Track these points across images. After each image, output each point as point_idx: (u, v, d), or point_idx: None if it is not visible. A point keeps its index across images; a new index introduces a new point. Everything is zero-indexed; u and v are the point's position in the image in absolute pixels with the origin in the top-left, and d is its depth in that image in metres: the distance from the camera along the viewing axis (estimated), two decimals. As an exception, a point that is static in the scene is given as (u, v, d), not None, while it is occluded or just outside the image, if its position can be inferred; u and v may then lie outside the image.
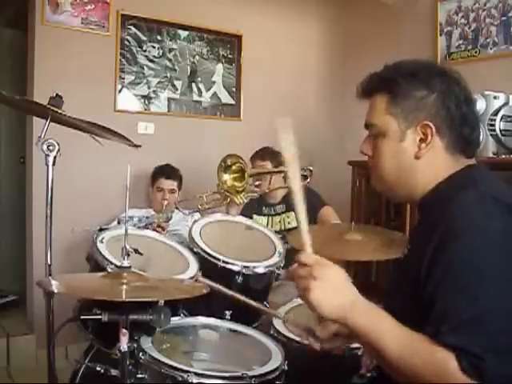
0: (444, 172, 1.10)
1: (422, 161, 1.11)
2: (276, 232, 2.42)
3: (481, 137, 1.16)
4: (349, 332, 1.05)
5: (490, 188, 1.04)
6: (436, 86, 1.09)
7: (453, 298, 0.92)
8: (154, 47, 3.35)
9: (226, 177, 2.47)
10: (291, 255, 2.24)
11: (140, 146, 1.79)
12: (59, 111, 1.54)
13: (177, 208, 2.76)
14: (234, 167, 2.48)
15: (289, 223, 2.81)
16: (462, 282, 0.92)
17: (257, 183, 2.69)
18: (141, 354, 1.43)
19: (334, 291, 0.99)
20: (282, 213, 2.83)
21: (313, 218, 2.73)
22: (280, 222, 2.82)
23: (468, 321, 0.89)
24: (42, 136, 1.56)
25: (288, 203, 2.82)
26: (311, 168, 2.56)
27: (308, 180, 2.56)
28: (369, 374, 1.33)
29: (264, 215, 2.87)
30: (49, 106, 1.54)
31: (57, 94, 1.59)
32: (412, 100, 1.10)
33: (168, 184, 3.00)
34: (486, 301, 0.90)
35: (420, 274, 0.99)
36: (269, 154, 2.85)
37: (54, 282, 1.37)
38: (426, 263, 0.98)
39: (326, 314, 0.99)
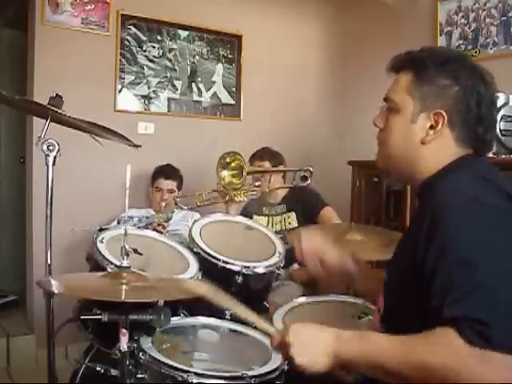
0: (448, 160, 1.11)
1: (428, 147, 1.11)
2: (276, 232, 2.42)
3: (494, 143, 1.17)
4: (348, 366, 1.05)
5: (486, 172, 1.07)
6: (462, 79, 1.09)
7: (452, 270, 0.91)
8: (154, 47, 3.35)
9: (225, 173, 2.48)
10: (291, 255, 2.25)
11: (140, 145, 1.80)
12: (59, 111, 1.54)
13: (176, 204, 2.76)
14: (233, 164, 2.48)
15: (289, 223, 2.81)
16: (459, 253, 0.92)
17: (257, 183, 2.69)
18: (141, 353, 1.43)
19: (312, 344, 1.02)
20: (283, 213, 2.83)
21: (314, 218, 2.74)
22: (280, 222, 2.82)
23: (469, 291, 0.88)
24: (42, 136, 1.56)
25: (288, 203, 2.82)
26: (311, 169, 2.56)
27: (308, 181, 2.56)
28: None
29: (264, 215, 2.87)
30: (49, 106, 1.54)
31: (57, 94, 1.59)
32: (434, 86, 1.10)
33: (166, 184, 3.00)
34: (485, 268, 0.89)
35: (417, 252, 0.99)
36: (267, 154, 2.85)
37: (54, 282, 1.37)
38: (422, 240, 0.98)
39: (319, 367, 1.02)
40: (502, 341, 0.83)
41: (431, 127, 1.10)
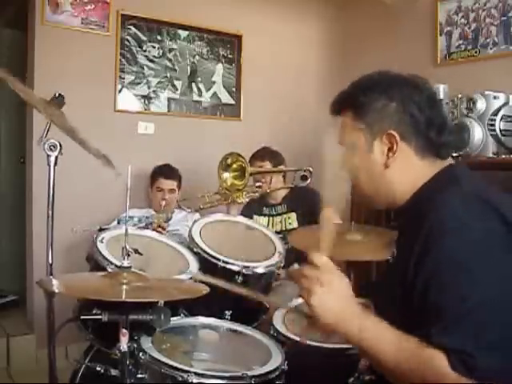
0: (422, 176, 1.12)
1: (394, 169, 1.13)
2: (276, 232, 2.42)
3: (457, 139, 1.16)
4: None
5: (472, 186, 1.06)
6: (394, 94, 1.11)
7: (441, 297, 0.93)
8: (154, 47, 3.35)
9: (227, 175, 2.48)
10: (291, 255, 2.25)
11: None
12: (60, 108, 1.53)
13: (179, 207, 2.76)
14: (234, 165, 2.48)
15: (290, 224, 2.81)
16: (449, 281, 0.93)
17: (257, 184, 2.69)
18: (141, 353, 1.43)
19: (336, 300, 1.01)
20: (283, 213, 2.83)
21: (314, 218, 2.73)
22: (281, 222, 2.82)
23: (457, 320, 0.90)
24: (44, 136, 1.56)
25: (289, 203, 2.82)
26: (310, 169, 2.56)
27: (308, 181, 2.56)
28: (367, 377, 1.33)
29: (264, 215, 2.87)
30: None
31: (59, 94, 1.59)
32: (373, 112, 1.12)
33: (167, 184, 3.00)
34: (474, 298, 0.90)
35: (407, 275, 1.00)
36: (268, 154, 2.85)
37: (54, 282, 1.37)
38: (412, 264, 0.99)
39: (322, 318, 1.01)
40: (486, 371, 0.86)
41: (389, 150, 1.12)
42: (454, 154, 2.33)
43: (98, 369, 1.57)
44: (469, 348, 0.87)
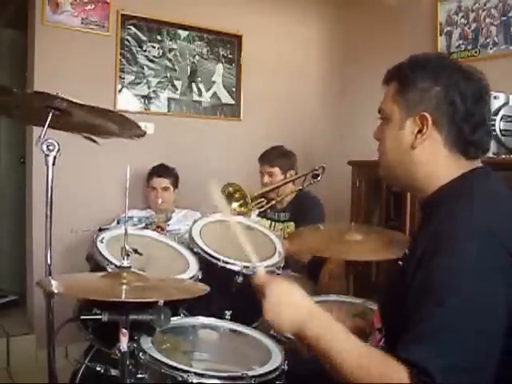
0: (445, 172, 1.10)
1: (419, 152, 1.12)
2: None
3: (489, 141, 1.15)
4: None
5: (485, 211, 1.01)
6: (441, 78, 1.10)
7: (419, 311, 0.93)
8: (154, 47, 3.35)
9: (234, 205, 2.49)
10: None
11: (144, 133, 1.79)
12: (63, 97, 1.51)
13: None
14: (236, 195, 2.49)
15: (288, 233, 2.80)
16: (431, 297, 0.93)
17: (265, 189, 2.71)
18: (141, 354, 1.43)
19: (286, 307, 1.03)
20: (285, 221, 2.82)
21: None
22: (282, 229, 2.81)
23: (431, 335, 0.89)
24: (42, 136, 1.56)
25: (291, 212, 2.81)
26: (324, 165, 2.69)
27: (319, 178, 2.57)
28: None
29: (268, 218, 2.86)
30: (54, 94, 1.53)
31: (57, 94, 1.58)
32: (416, 91, 1.11)
33: (159, 182, 3.02)
34: (450, 316, 0.89)
35: (406, 277, 1.01)
36: (278, 158, 2.83)
37: (54, 282, 1.37)
38: (410, 272, 1.00)
39: (283, 330, 1.05)
40: None
41: (419, 131, 1.11)
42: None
43: (98, 369, 1.57)
44: (430, 367, 0.85)
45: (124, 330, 1.31)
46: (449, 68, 1.12)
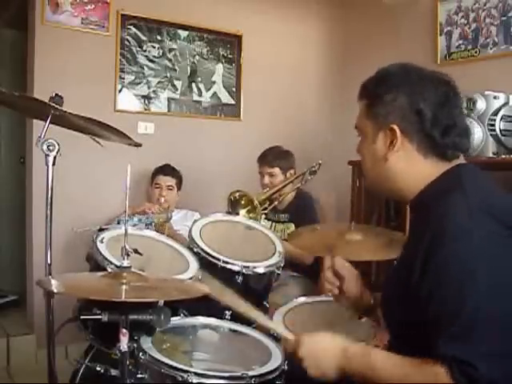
0: (427, 175, 1.11)
1: (395, 163, 1.13)
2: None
3: (466, 141, 1.14)
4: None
5: (476, 191, 1.04)
6: (405, 89, 1.11)
7: (443, 306, 0.93)
8: (154, 47, 3.35)
9: (242, 212, 2.48)
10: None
11: (140, 145, 1.79)
12: (59, 108, 1.53)
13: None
14: (242, 201, 2.49)
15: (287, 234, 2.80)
16: (451, 290, 0.93)
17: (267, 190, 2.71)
18: (141, 354, 1.43)
19: (323, 359, 1.10)
20: (285, 222, 2.82)
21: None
22: (281, 230, 2.81)
23: (459, 330, 0.90)
24: (42, 136, 1.56)
25: (291, 213, 2.81)
26: (320, 162, 2.72)
27: (316, 174, 2.67)
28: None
29: (268, 219, 2.86)
30: (50, 103, 1.53)
31: (56, 94, 1.59)
32: (382, 104, 1.13)
33: (165, 180, 3.02)
34: (476, 307, 0.90)
35: (412, 276, 1.00)
36: (277, 158, 2.82)
37: (53, 282, 1.37)
38: (417, 266, 1.00)
39: (329, 378, 1.10)
40: (487, 382, 0.86)
41: (391, 143, 1.12)
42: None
43: (98, 369, 1.58)
44: (471, 358, 0.87)
45: (124, 330, 1.31)
46: (411, 77, 1.13)
